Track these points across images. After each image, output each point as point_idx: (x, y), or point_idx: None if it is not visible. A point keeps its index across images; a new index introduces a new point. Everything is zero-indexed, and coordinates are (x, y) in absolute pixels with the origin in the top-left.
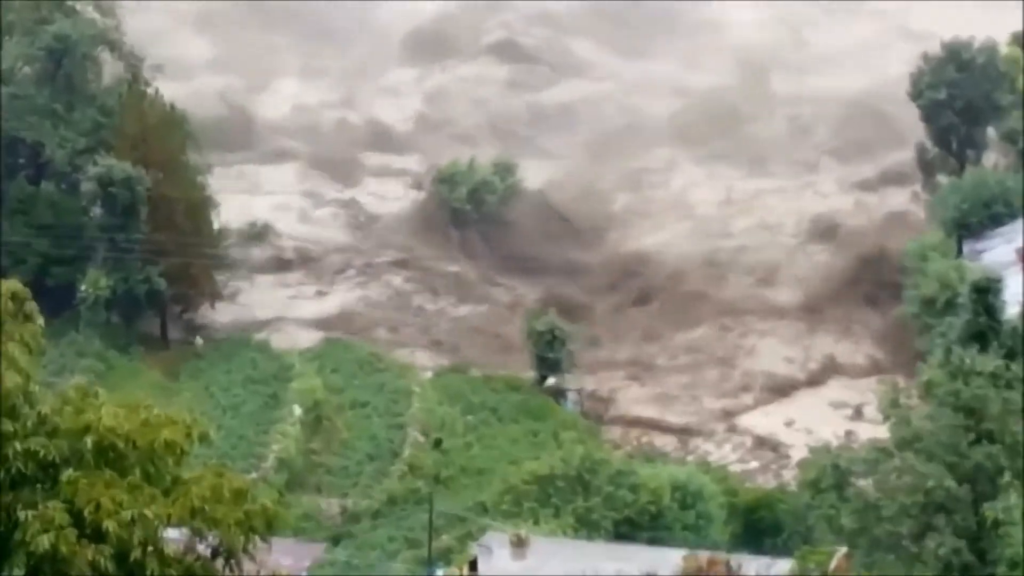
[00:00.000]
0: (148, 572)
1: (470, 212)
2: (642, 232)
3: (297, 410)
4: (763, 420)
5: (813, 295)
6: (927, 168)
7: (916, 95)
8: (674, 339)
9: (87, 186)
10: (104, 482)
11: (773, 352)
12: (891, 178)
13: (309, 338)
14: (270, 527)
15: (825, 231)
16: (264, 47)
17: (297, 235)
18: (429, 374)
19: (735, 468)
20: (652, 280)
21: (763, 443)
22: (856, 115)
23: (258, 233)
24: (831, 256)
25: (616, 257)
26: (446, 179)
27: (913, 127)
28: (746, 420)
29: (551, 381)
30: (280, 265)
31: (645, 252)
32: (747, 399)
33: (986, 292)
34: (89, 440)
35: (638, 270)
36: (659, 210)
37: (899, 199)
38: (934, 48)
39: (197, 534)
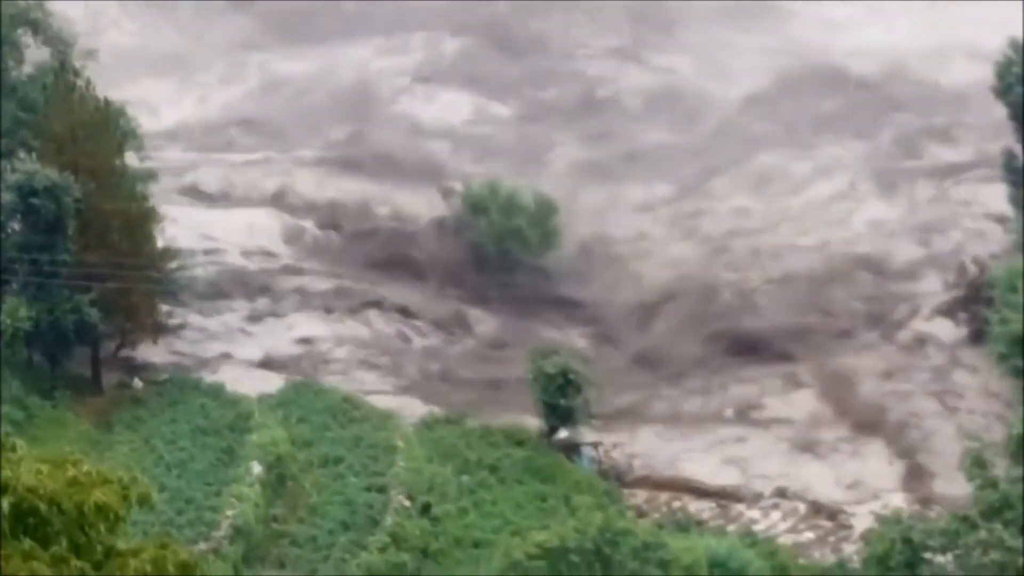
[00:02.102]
0: None
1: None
2: (669, 254)
3: (256, 468)
4: (820, 482)
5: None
6: (1015, 179)
7: (1003, 91)
8: (712, 384)
9: (4, 196)
10: (22, 553)
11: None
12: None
13: (270, 381)
14: None
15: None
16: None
17: (253, 251)
18: (415, 425)
19: (786, 540)
20: (689, 312)
21: (820, 510)
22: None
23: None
24: (901, 281)
25: (642, 284)
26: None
27: (999, 128)
28: (799, 481)
29: (563, 434)
30: (233, 291)
31: (679, 277)
32: (800, 456)
33: None
34: (5, 503)
35: (673, 298)
36: (705, 226)
37: (979, 216)
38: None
39: None
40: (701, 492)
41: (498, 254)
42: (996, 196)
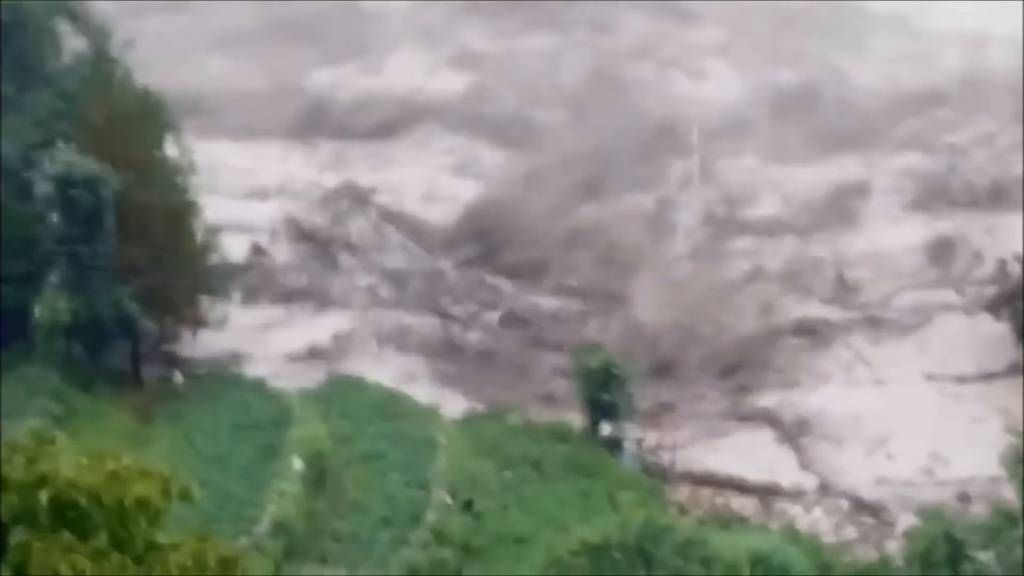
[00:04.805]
0: None
1: None
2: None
3: (298, 463)
4: (864, 478)
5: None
6: None
7: None
8: (759, 378)
9: (42, 187)
10: (62, 546)
11: (879, 391)
12: None
13: (311, 375)
14: None
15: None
16: None
17: (293, 242)
18: (457, 420)
19: (829, 537)
20: (736, 306)
21: (862, 506)
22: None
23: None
24: (929, 264)
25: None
26: None
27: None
28: (843, 478)
29: (606, 430)
30: (273, 285)
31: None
32: (846, 450)
33: None
34: (44, 495)
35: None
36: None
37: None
38: None
39: None
40: (743, 488)
41: None
42: None
